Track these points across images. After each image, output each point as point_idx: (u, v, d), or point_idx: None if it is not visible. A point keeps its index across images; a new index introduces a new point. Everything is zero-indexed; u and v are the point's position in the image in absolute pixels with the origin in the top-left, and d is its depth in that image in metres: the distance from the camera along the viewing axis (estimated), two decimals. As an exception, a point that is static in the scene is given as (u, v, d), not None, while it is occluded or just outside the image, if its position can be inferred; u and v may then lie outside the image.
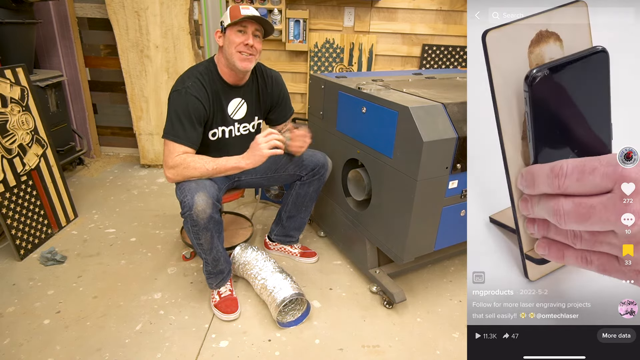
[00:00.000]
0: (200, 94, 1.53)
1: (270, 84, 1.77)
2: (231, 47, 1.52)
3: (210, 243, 1.54)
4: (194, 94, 1.51)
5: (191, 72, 1.58)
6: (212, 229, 1.51)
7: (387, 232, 1.66)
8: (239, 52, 1.52)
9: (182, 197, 1.47)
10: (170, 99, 1.54)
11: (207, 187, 1.48)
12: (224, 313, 1.63)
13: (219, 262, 1.63)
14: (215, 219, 1.50)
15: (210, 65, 1.61)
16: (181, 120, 1.49)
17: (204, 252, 1.57)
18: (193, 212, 1.43)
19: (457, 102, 1.50)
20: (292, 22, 2.84)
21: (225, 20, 1.53)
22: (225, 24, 1.52)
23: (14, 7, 2.32)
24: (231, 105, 1.66)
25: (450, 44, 2.91)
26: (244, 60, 1.53)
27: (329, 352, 1.50)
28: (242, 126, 1.72)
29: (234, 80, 1.63)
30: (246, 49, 1.52)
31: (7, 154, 1.92)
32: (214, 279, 1.66)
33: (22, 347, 1.46)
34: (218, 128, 1.65)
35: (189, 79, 1.54)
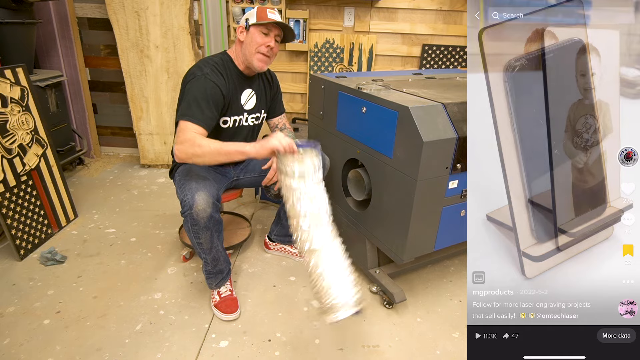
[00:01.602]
0: (219, 80, 1.55)
1: (272, 79, 1.83)
2: (253, 46, 1.56)
3: (210, 242, 1.54)
4: (213, 79, 1.53)
5: (207, 62, 1.59)
6: (212, 229, 1.51)
7: (387, 232, 1.66)
8: (260, 52, 1.57)
9: (182, 196, 1.48)
10: (187, 85, 1.53)
11: (207, 187, 1.48)
12: (224, 313, 1.63)
13: (218, 261, 1.63)
14: (215, 218, 1.50)
15: (225, 56, 1.65)
16: (199, 103, 1.49)
17: (204, 252, 1.57)
18: (193, 211, 1.44)
19: (457, 102, 1.50)
20: (292, 22, 2.84)
21: (251, 18, 1.56)
22: (251, 22, 1.55)
23: (14, 7, 2.33)
24: (244, 95, 1.69)
25: (450, 44, 2.91)
26: (261, 61, 1.59)
27: (329, 352, 1.50)
28: (251, 117, 1.75)
29: (248, 73, 1.68)
30: (267, 50, 1.57)
31: (7, 154, 1.92)
32: (214, 278, 1.66)
33: (22, 347, 1.46)
34: (230, 117, 1.67)
35: (205, 66, 1.56)
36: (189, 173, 1.57)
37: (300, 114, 3.15)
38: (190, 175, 1.55)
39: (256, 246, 2.16)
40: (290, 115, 3.16)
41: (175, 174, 1.68)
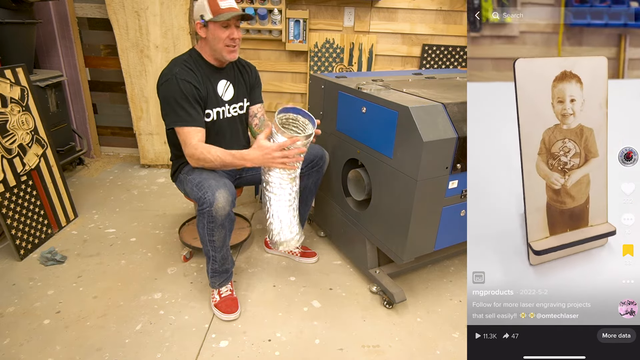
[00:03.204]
0: (190, 77, 1.55)
1: (248, 67, 1.81)
2: (219, 43, 1.56)
3: (222, 240, 1.56)
4: (184, 77, 1.53)
5: (176, 61, 1.60)
6: (227, 227, 1.54)
7: (387, 232, 1.66)
8: (226, 45, 1.57)
9: (201, 193, 1.48)
10: (161, 90, 1.55)
11: (227, 185, 1.50)
12: (224, 313, 1.63)
13: (226, 260, 1.64)
14: (231, 216, 1.53)
15: (193, 52, 1.64)
16: (181, 105, 1.51)
17: (214, 250, 1.58)
18: (213, 209, 1.45)
19: (457, 102, 1.50)
20: (292, 22, 2.84)
21: (205, 14, 1.53)
22: (207, 18, 1.53)
23: (14, 7, 2.32)
24: (219, 87, 1.69)
25: (450, 44, 2.91)
26: (231, 52, 1.59)
27: (329, 352, 1.50)
28: (232, 107, 1.74)
29: (219, 65, 1.67)
30: (232, 42, 1.57)
31: (7, 154, 1.92)
32: (218, 277, 1.67)
33: (22, 347, 1.46)
34: (212, 110, 1.67)
35: (175, 66, 1.57)
36: (202, 171, 1.59)
37: (300, 114, 3.15)
38: (205, 172, 1.57)
39: (256, 246, 2.16)
40: (290, 115, 3.16)
41: (181, 174, 1.69)
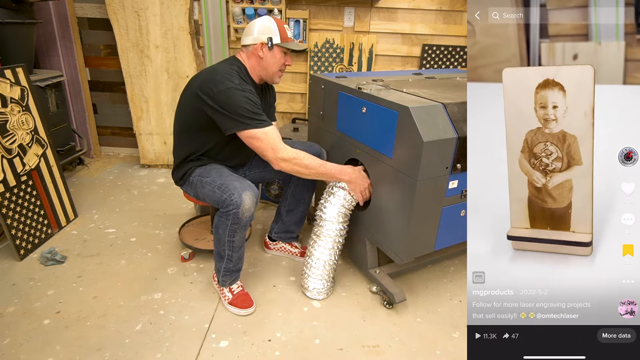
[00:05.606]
0: (248, 88, 1.57)
1: (270, 87, 1.86)
2: (275, 66, 1.63)
3: (241, 240, 1.60)
4: (246, 88, 1.54)
5: (230, 73, 1.56)
6: (247, 227, 1.57)
7: (387, 232, 1.66)
8: (280, 70, 1.66)
9: (226, 195, 1.50)
10: (226, 97, 1.50)
11: (251, 186, 1.53)
12: (242, 308, 1.65)
13: (241, 259, 1.67)
14: (253, 216, 1.56)
15: (241, 66, 1.64)
16: (252, 109, 1.51)
17: (232, 250, 1.59)
18: (240, 211, 1.47)
19: (457, 102, 1.50)
20: (292, 22, 2.84)
21: (274, 37, 1.58)
22: (275, 41, 1.58)
23: (14, 7, 2.33)
24: None
25: (450, 44, 2.91)
26: (280, 77, 1.70)
27: (329, 352, 1.51)
28: None
29: (258, 82, 1.72)
30: (284, 67, 1.67)
31: (7, 154, 1.92)
32: (230, 276, 1.68)
33: (22, 347, 1.46)
34: None
35: (233, 77, 1.54)
36: (221, 173, 1.60)
37: (300, 114, 3.16)
38: (224, 174, 1.59)
39: (256, 246, 2.16)
40: (290, 115, 3.16)
41: (192, 177, 1.67)
